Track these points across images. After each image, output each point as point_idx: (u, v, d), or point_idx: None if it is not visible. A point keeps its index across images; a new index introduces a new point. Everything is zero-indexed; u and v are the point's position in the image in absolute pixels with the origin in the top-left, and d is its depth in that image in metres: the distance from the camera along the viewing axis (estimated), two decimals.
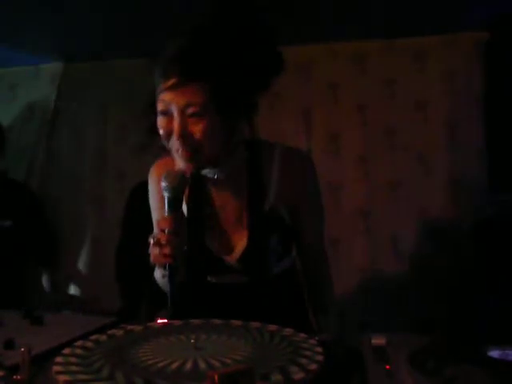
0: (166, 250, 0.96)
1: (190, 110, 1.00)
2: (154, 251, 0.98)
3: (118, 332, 0.96)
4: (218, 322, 1.02)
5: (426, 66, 2.15)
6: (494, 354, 0.80)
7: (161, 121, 1.03)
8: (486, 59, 2.08)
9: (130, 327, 0.99)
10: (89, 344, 0.89)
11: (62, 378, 0.73)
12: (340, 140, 2.23)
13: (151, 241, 0.97)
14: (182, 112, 1.00)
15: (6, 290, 2.16)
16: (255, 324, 1.00)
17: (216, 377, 0.57)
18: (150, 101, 1.06)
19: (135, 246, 1.89)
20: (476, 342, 0.85)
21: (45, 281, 2.38)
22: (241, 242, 1.12)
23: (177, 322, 1.03)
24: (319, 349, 0.84)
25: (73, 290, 2.49)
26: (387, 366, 0.80)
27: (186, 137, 1.00)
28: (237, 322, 1.01)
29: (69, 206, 2.51)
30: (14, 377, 0.77)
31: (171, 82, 0.99)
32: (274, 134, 2.24)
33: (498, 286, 1.51)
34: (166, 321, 1.03)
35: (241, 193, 1.13)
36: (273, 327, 0.98)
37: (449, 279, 1.96)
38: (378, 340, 0.92)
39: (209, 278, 1.13)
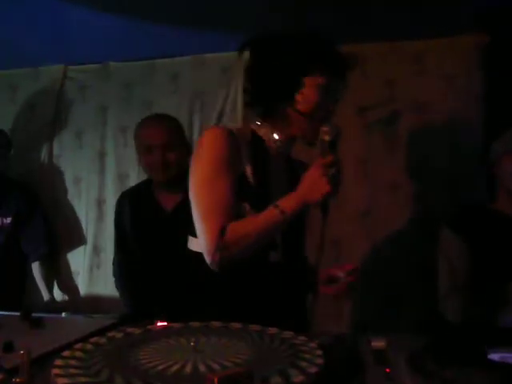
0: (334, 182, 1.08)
1: None
2: (324, 183, 1.07)
3: (118, 334, 0.96)
4: (217, 324, 1.02)
5: (426, 68, 2.15)
6: (494, 356, 0.80)
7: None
8: (485, 62, 2.08)
9: (129, 330, 0.99)
10: (88, 346, 0.89)
11: (61, 380, 0.73)
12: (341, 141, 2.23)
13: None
14: None
15: (6, 289, 2.16)
16: (255, 327, 1.00)
17: (216, 379, 0.57)
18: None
19: (133, 257, 1.90)
20: (476, 344, 0.85)
21: (41, 283, 2.37)
22: None
23: (176, 325, 1.03)
24: (319, 352, 0.84)
25: (72, 291, 2.49)
26: (387, 369, 0.79)
27: None
28: (236, 325, 1.01)
29: (68, 208, 2.51)
30: (14, 379, 0.76)
31: None
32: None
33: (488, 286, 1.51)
34: (165, 323, 1.03)
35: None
36: (273, 330, 0.98)
37: None
38: (378, 342, 0.92)
39: (271, 257, 1.21)
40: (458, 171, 2.11)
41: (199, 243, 1.15)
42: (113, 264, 2.10)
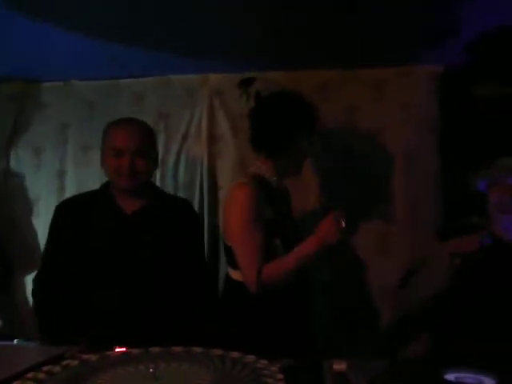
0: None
1: None
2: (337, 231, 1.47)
3: (73, 362, 0.93)
4: (178, 349, 1.00)
5: (384, 95, 2.24)
6: (450, 377, 0.82)
7: None
8: (440, 92, 2.19)
9: (85, 357, 0.96)
10: (40, 376, 0.85)
11: None
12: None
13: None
14: None
15: None
16: (217, 351, 0.98)
17: None
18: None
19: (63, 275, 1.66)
20: (433, 366, 0.87)
21: None
22: None
23: (135, 351, 1.00)
24: (280, 376, 0.84)
25: (26, 316, 2.37)
26: None
27: None
28: (198, 349, 1.00)
29: (26, 229, 2.42)
30: None
31: None
32: (239, 157, 2.29)
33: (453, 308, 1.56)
34: (124, 349, 1.00)
35: None
36: (235, 354, 0.97)
37: None
38: (339, 365, 0.93)
39: None
40: (413, 196, 2.19)
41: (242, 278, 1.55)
42: (35, 282, 1.74)
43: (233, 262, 1.59)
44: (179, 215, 1.77)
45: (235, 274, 1.60)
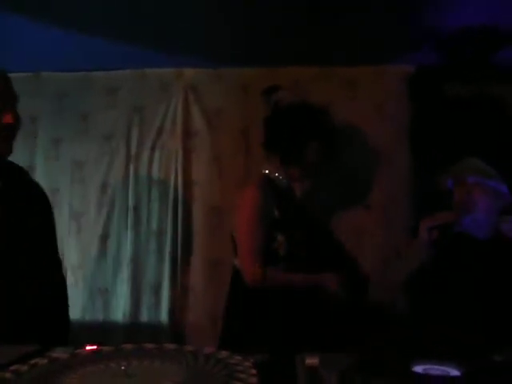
0: None
1: None
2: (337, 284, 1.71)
3: (42, 361, 0.90)
4: (150, 346, 0.99)
5: (358, 94, 2.27)
6: (418, 369, 0.84)
7: None
8: (410, 92, 2.23)
9: (55, 355, 0.93)
10: (7, 375, 0.82)
11: None
12: None
13: None
14: None
15: None
16: (190, 347, 0.98)
17: None
18: None
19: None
20: (402, 358, 0.89)
21: None
22: None
23: (107, 348, 0.98)
24: (253, 371, 0.84)
25: None
26: None
27: None
28: (170, 346, 0.99)
29: None
30: None
31: None
32: (214, 153, 2.28)
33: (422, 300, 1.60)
34: (94, 347, 0.99)
35: None
36: (208, 350, 0.96)
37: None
38: (312, 360, 0.94)
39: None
40: (386, 193, 2.22)
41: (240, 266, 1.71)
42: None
43: (236, 252, 1.76)
44: (31, 200, 1.51)
45: (237, 262, 1.76)
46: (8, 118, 1.39)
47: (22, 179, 1.55)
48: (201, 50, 2.15)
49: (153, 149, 2.32)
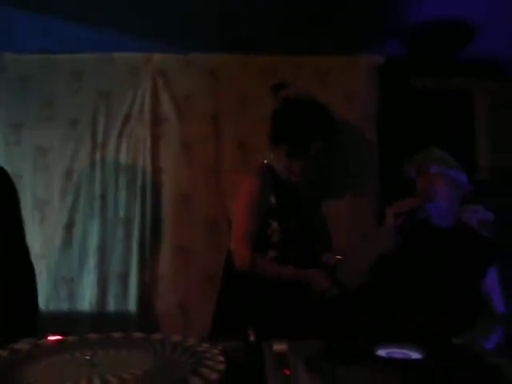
0: None
1: None
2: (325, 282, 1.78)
3: (3, 352, 0.88)
4: (117, 335, 0.98)
5: (329, 83, 2.28)
6: (382, 352, 0.86)
7: None
8: (380, 82, 2.26)
9: (17, 346, 0.91)
10: None
11: None
12: (247, 147, 2.28)
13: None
14: None
15: None
16: (157, 336, 0.97)
17: None
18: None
19: None
20: (367, 343, 0.91)
21: None
22: None
23: (71, 338, 0.96)
24: (221, 358, 0.84)
25: None
26: (286, 372, 0.82)
27: None
28: (138, 335, 0.98)
29: None
30: None
31: None
32: (183, 140, 2.25)
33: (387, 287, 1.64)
34: (58, 337, 0.96)
35: None
36: (176, 338, 0.96)
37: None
38: (279, 346, 0.95)
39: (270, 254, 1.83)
40: (355, 183, 2.26)
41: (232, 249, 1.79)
42: None
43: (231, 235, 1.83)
44: None
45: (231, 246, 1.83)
46: None
47: None
48: (171, 35, 2.11)
49: (120, 136, 2.27)
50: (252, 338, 1.01)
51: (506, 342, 1.61)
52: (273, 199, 1.80)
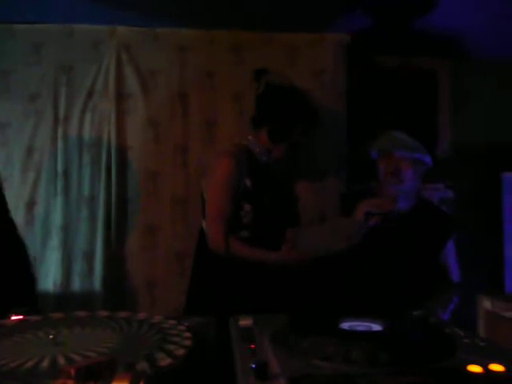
0: None
1: None
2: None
3: None
4: (82, 314, 0.97)
5: (298, 61, 2.27)
6: (345, 325, 0.89)
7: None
8: (348, 59, 2.27)
9: None
10: None
11: None
12: (215, 127, 2.25)
13: None
14: None
15: None
16: (123, 313, 0.97)
17: (72, 371, 0.54)
18: None
19: None
20: (330, 316, 0.93)
21: None
22: None
23: (34, 318, 0.95)
24: (188, 334, 0.85)
25: None
26: (252, 346, 0.84)
27: None
28: (103, 313, 0.97)
29: None
30: None
31: None
32: (149, 116, 2.20)
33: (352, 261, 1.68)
34: (21, 317, 0.94)
35: None
36: (142, 315, 0.96)
37: None
38: (245, 321, 0.96)
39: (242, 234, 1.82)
40: (324, 163, 2.28)
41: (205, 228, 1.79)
42: None
43: (204, 214, 1.83)
44: None
45: (204, 226, 1.83)
46: None
47: None
48: (136, 7, 2.03)
49: (83, 111, 2.19)
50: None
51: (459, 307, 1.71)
52: (248, 181, 1.79)
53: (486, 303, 1.80)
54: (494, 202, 2.50)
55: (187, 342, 0.81)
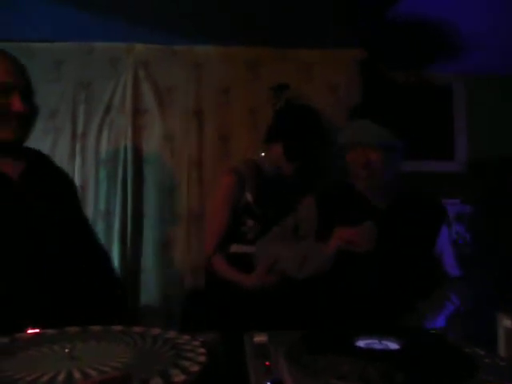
0: None
1: None
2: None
3: None
4: (96, 328, 0.97)
5: (313, 76, 2.29)
6: (361, 343, 0.87)
7: None
8: (362, 75, 2.28)
9: None
10: None
11: None
12: (230, 142, 2.27)
13: None
14: None
15: None
16: (137, 328, 0.97)
17: None
18: None
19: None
20: (345, 334, 0.92)
21: None
22: None
23: (50, 331, 0.95)
24: (202, 350, 0.84)
25: None
26: (267, 363, 0.83)
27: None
28: (117, 328, 0.97)
29: None
30: None
31: None
32: (165, 132, 2.23)
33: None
34: (37, 330, 0.95)
35: None
36: (156, 331, 0.96)
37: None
38: (260, 338, 0.95)
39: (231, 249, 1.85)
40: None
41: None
42: None
43: None
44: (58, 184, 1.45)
45: None
46: (17, 105, 1.26)
47: (45, 163, 1.48)
48: (153, 25, 2.08)
49: (101, 126, 2.23)
50: None
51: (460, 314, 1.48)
52: (249, 196, 1.80)
53: (507, 322, 1.74)
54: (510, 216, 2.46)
55: (201, 358, 0.81)
